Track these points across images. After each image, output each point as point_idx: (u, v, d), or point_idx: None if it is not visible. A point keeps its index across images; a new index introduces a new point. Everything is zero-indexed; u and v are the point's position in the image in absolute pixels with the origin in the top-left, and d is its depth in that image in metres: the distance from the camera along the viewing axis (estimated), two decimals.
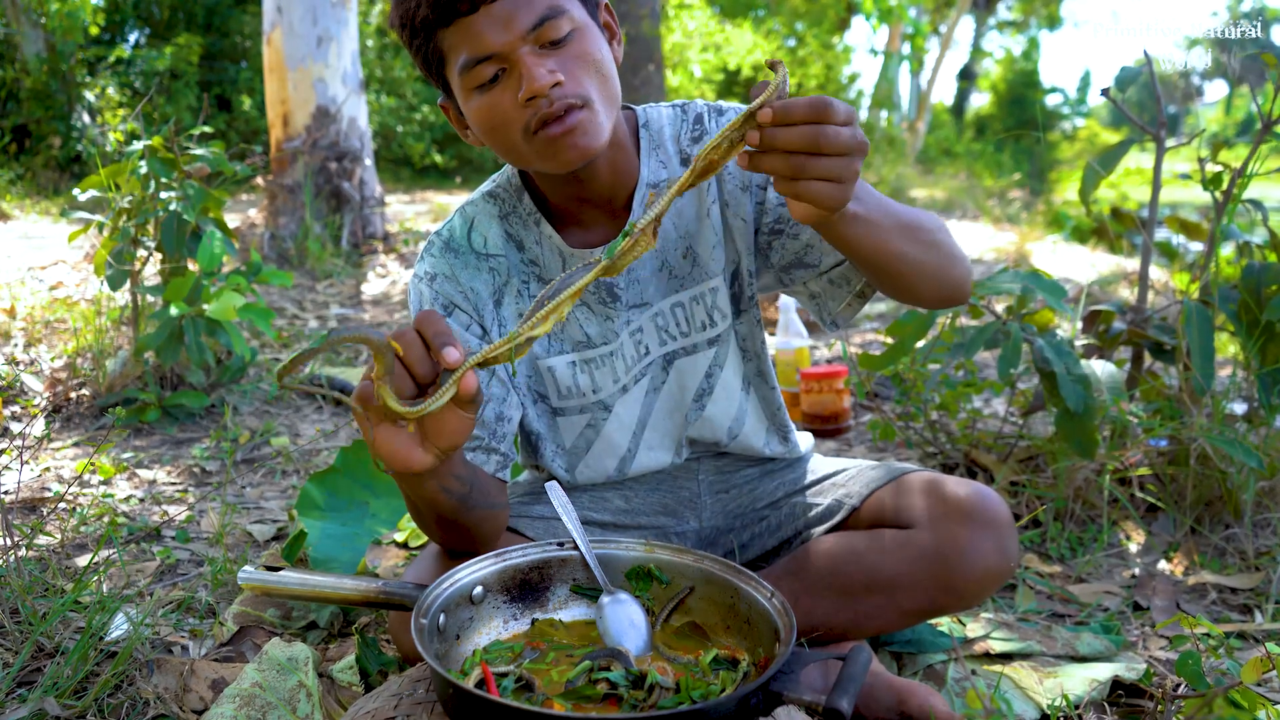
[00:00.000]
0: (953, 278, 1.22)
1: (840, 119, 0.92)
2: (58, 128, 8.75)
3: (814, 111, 0.92)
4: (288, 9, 5.07)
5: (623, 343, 1.36)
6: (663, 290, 1.35)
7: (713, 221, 1.33)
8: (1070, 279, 5.34)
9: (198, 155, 2.69)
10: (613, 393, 1.39)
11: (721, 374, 1.41)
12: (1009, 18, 26.44)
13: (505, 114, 1.15)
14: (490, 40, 1.12)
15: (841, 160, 0.93)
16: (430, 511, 1.19)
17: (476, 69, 1.14)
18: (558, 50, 1.14)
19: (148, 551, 1.84)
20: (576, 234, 1.32)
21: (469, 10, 1.12)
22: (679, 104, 1.37)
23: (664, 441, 1.44)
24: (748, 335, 1.42)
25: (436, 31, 1.15)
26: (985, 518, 1.25)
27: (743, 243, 1.34)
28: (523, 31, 1.12)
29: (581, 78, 1.15)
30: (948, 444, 2.26)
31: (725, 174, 1.32)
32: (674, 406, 1.42)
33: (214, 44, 11.48)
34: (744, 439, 1.46)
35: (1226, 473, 1.89)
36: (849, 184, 0.95)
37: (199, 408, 2.67)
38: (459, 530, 1.23)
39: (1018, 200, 12.13)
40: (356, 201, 5.25)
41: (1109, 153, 2.09)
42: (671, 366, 1.40)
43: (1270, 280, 1.93)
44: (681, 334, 1.38)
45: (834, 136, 0.92)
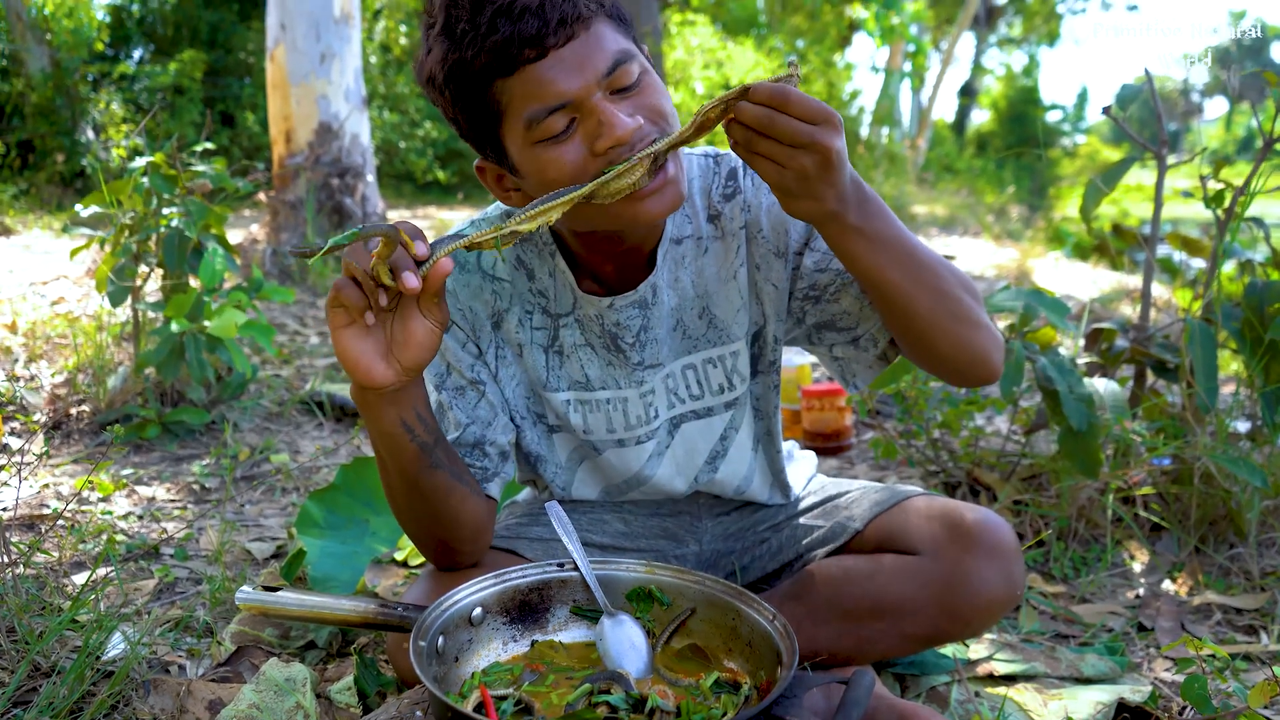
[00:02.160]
0: (974, 342, 1.19)
1: (795, 110, 0.97)
2: (62, 143, 8.78)
3: (771, 97, 0.97)
4: (291, 26, 5.09)
5: (628, 399, 1.33)
6: (675, 351, 1.32)
7: (739, 284, 1.29)
8: (1072, 296, 5.34)
9: (200, 172, 2.70)
10: (604, 439, 1.36)
11: (737, 437, 1.40)
12: (1009, 35, 26.55)
13: (577, 165, 1.07)
14: (563, 87, 1.04)
15: (785, 149, 0.98)
16: (395, 463, 1.16)
17: (548, 120, 1.05)
18: (628, 96, 1.08)
19: (146, 569, 1.84)
20: (588, 281, 1.28)
21: (537, 57, 1.04)
22: (712, 153, 1.31)
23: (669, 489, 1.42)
24: (762, 395, 1.39)
25: (495, 82, 1.06)
26: (991, 545, 1.24)
27: (772, 307, 1.31)
28: (598, 76, 1.05)
29: (658, 124, 1.09)
30: (950, 462, 2.25)
31: (759, 238, 1.28)
32: (678, 470, 1.40)
33: (218, 60, 11.54)
34: (749, 495, 1.46)
35: (1231, 492, 1.88)
36: (790, 174, 1.00)
37: (199, 424, 2.66)
38: (426, 500, 1.19)
39: (1018, 216, 12.15)
40: (359, 217, 5.26)
41: (1111, 170, 2.09)
42: (678, 430, 1.38)
43: (1273, 298, 1.92)
44: (692, 397, 1.35)
45: (782, 123, 0.97)
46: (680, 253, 1.28)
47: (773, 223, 1.27)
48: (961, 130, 24.16)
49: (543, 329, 1.31)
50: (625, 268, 1.26)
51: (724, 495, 1.45)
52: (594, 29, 1.06)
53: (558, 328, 1.31)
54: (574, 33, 1.04)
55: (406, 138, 11.69)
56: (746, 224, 1.28)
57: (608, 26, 1.08)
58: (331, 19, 5.13)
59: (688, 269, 1.29)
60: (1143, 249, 2.25)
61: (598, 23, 1.07)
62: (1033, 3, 24.47)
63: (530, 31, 1.03)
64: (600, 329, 1.29)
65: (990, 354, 1.21)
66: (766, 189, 1.28)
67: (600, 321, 1.28)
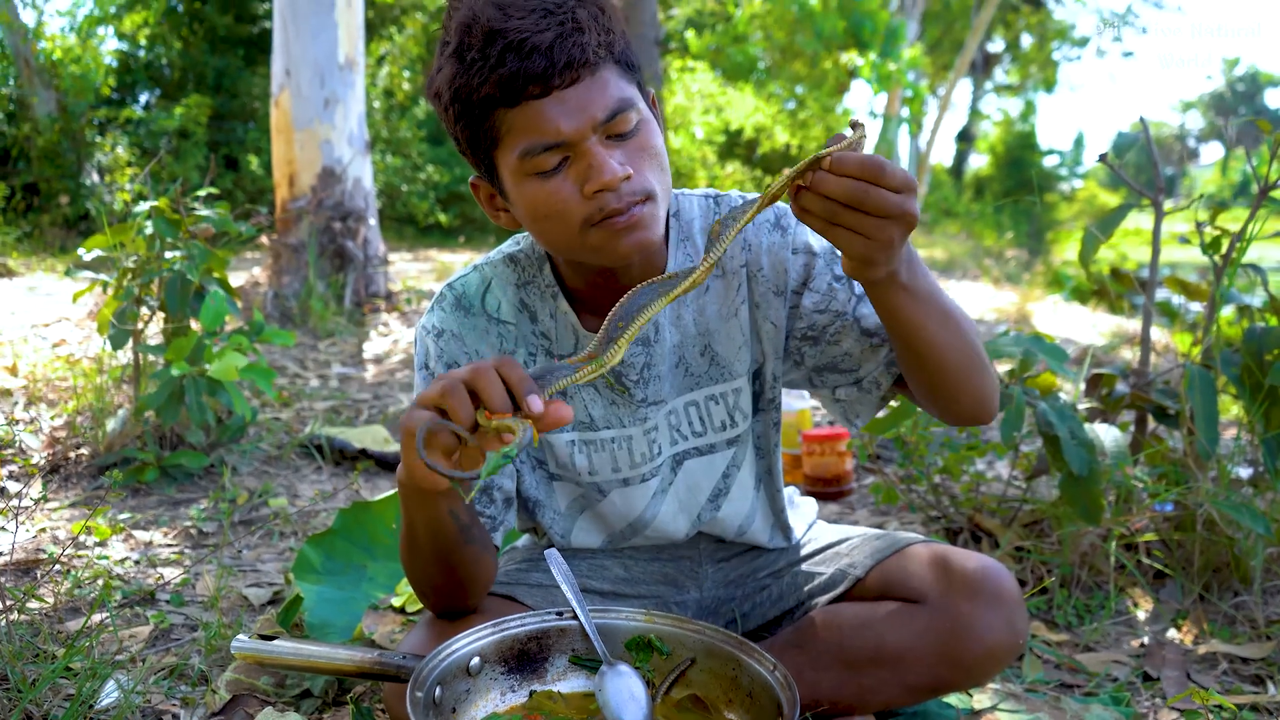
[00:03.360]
0: (982, 388, 1.20)
1: (890, 184, 0.93)
2: (67, 186, 8.86)
3: (864, 170, 0.93)
4: (296, 72, 5.15)
5: (632, 437, 1.33)
6: (678, 388, 1.33)
7: (740, 321, 1.30)
8: (1071, 339, 5.35)
9: (203, 216, 2.72)
10: (609, 479, 1.36)
11: (739, 474, 1.39)
12: (1006, 81, 26.87)
13: (565, 204, 1.10)
14: (561, 127, 1.07)
15: (875, 221, 0.95)
16: (431, 543, 1.15)
17: (541, 156, 1.09)
18: (624, 143, 1.11)
19: (141, 615, 1.82)
20: (591, 319, 1.29)
21: (540, 94, 1.07)
22: (712, 194, 1.33)
23: (670, 532, 1.42)
24: (763, 433, 1.40)
25: (498, 110, 1.09)
26: (993, 593, 1.23)
27: (770, 346, 1.32)
28: (596, 121, 1.08)
29: (646, 172, 1.12)
30: (951, 508, 2.24)
31: (759, 276, 1.29)
32: (680, 507, 1.40)
33: (223, 105, 11.67)
34: (750, 536, 1.45)
35: (1234, 539, 1.87)
36: (879, 244, 0.97)
37: (198, 468, 2.66)
38: (452, 571, 1.20)
39: (1017, 260, 12.21)
40: (360, 261, 5.29)
41: (1108, 218, 2.10)
42: (681, 467, 1.37)
43: (1272, 344, 1.92)
44: (695, 434, 1.36)
45: (876, 197, 0.93)
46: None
47: (772, 261, 1.28)
48: (959, 175, 24.37)
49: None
50: None
51: (726, 536, 1.44)
52: (600, 74, 1.09)
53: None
54: (579, 76, 1.07)
55: (409, 181, 11.78)
56: (747, 262, 1.30)
57: (614, 73, 1.11)
58: (336, 65, 5.20)
59: (689, 307, 1.30)
60: (1141, 293, 2.26)
61: (605, 69, 1.10)
62: (1029, 50, 24.80)
63: (537, 70, 1.05)
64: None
65: (993, 398, 1.23)
66: (766, 228, 1.29)
67: None
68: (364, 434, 3.07)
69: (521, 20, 1.06)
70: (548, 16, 1.07)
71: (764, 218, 1.30)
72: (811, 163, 0.96)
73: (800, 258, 1.28)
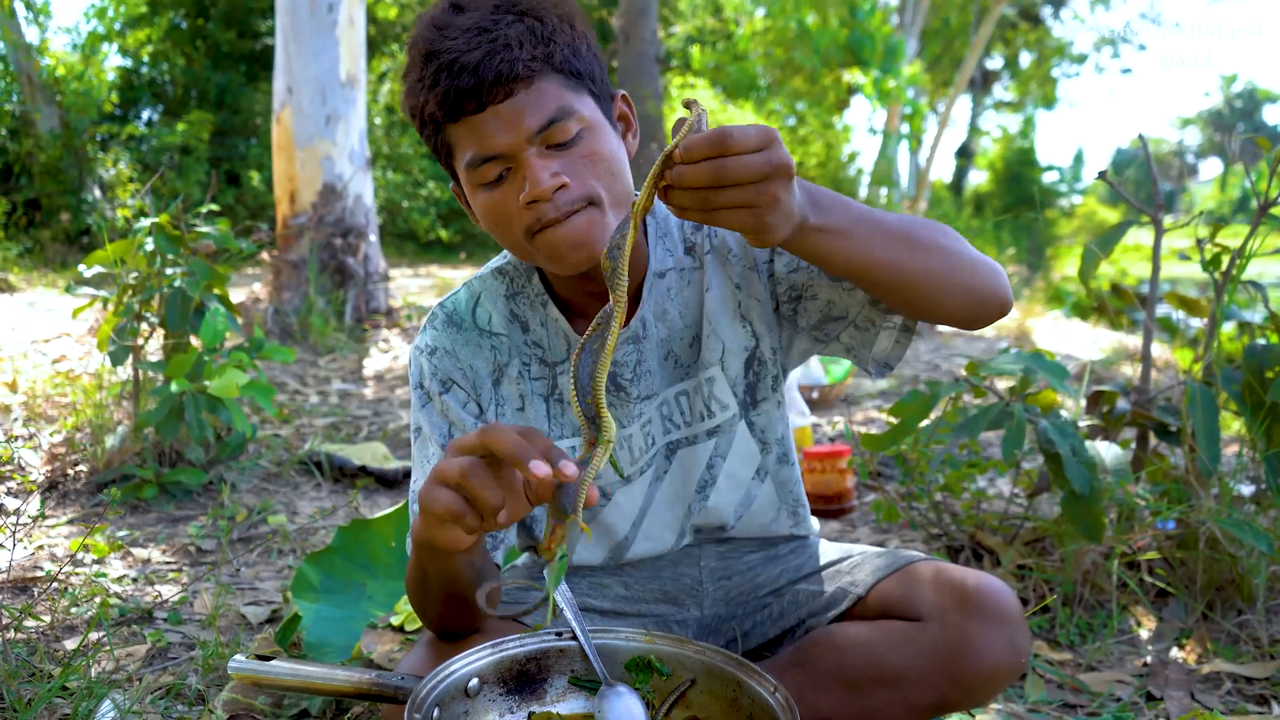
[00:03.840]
0: (979, 284, 1.17)
1: (744, 146, 0.91)
2: (68, 201, 8.88)
3: (713, 146, 0.91)
4: (298, 89, 5.17)
5: (631, 435, 1.34)
6: (668, 379, 1.34)
7: (707, 310, 1.32)
8: (1072, 356, 5.35)
9: (204, 232, 2.72)
10: (613, 481, 1.36)
11: (724, 465, 1.38)
12: (1005, 98, 26.97)
13: (509, 213, 1.15)
14: (496, 140, 1.11)
15: (750, 189, 0.92)
16: (443, 588, 1.16)
17: (482, 168, 1.14)
18: (565, 151, 1.13)
19: (139, 634, 1.81)
20: (582, 322, 1.31)
21: (476, 110, 1.11)
22: None
23: (663, 532, 1.41)
24: (768, 425, 1.38)
25: (445, 126, 1.15)
26: (995, 611, 1.22)
27: (761, 323, 1.32)
28: (529, 133, 1.11)
29: (588, 179, 1.14)
30: (952, 525, 2.24)
31: (731, 258, 1.31)
32: (676, 496, 1.40)
33: (225, 121, 11.72)
34: (749, 520, 1.44)
35: (1237, 557, 1.86)
36: (765, 209, 0.94)
37: (197, 485, 2.65)
38: (462, 606, 1.20)
39: (1017, 276, 12.21)
40: (360, 277, 5.29)
41: (1108, 234, 2.10)
42: (674, 455, 1.38)
43: (1273, 361, 1.92)
44: (685, 423, 1.36)
45: (736, 166, 0.91)
46: (665, 285, 1.32)
47: (738, 240, 1.31)
48: (959, 191, 24.42)
49: (541, 379, 1.34)
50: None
51: (725, 522, 1.42)
52: (536, 85, 1.12)
53: (555, 376, 1.33)
54: (512, 90, 1.11)
55: (410, 197, 11.82)
56: (714, 248, 1.32)
57: (554, 83, 1.13)
58: (338, 82, 5.22)
59: (674, 300, 1.32)
60: (1141, 309, 2.26)
61: (541, 79, 1.12)
62: (1028, 67, 24.91)
63: (466, 88, 1.10)
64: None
65: (996, 286, 1.18)
66: None
67: None
68: (364, 451, 3.06)
69: (454, 40, 1.11)
70: (480, 35, 1.11)
71: None
72: (664, 161, 0.94)
73: None
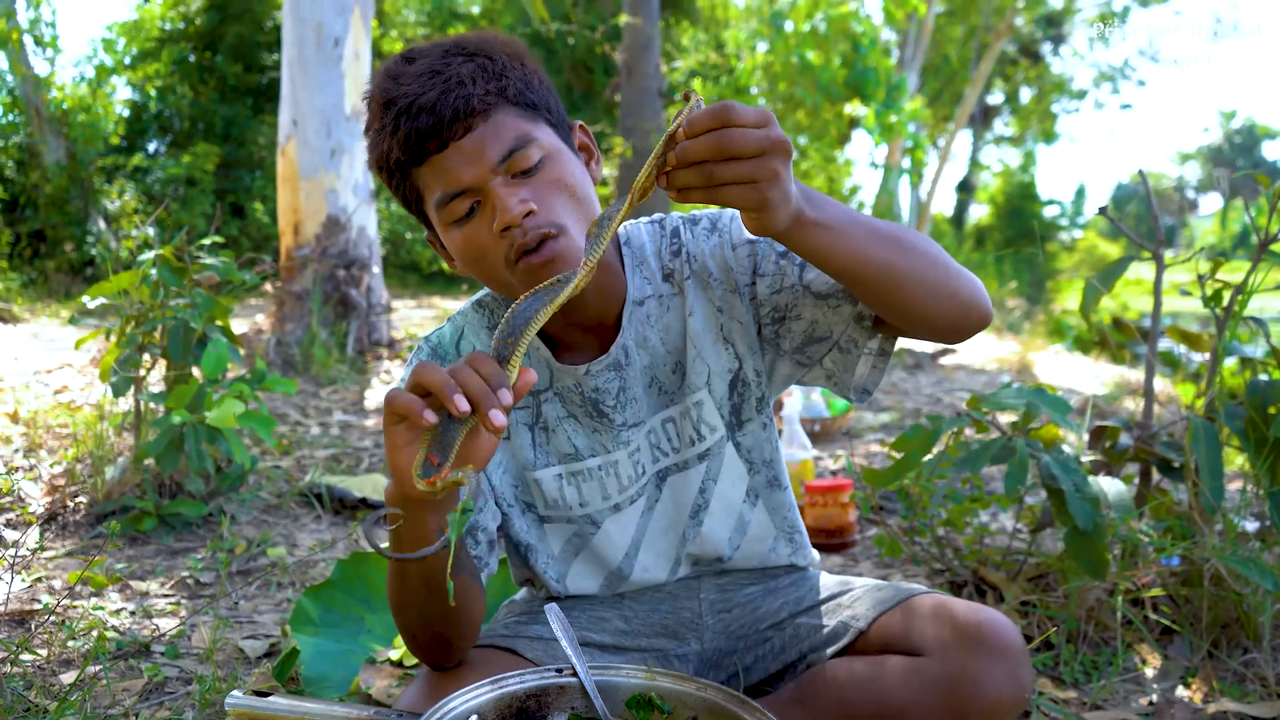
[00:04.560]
0: (963, 293, 1.18)
1: (745, 120, 0.93)
2: (73, 233, 8.92)
3: (715, 118, 0.93)
4: (303, 122, 5.21)
5: (618, 461, 1.35)
6: (654, 406, 1.35)
7: (690, 334, 1.32)
8: (1074, 390, 5.34)
9: (208, 264, 2.73)
10: (601, 509, 1.37)
11: (716, 488, 1.39)
12: (1006, 133, 27.16)
13: (484, 246, 1.17)
14: (462, 175, 1.15)
15: (751, 162, 0.94)
16: (422, 569, 1.15)
17: (452, 204, 1.16)
18: (529, 179, 1.16)
19: (135, 668, 1.80)
20: (564, 353, 1.33)
21: (439, 148, 1.14)
22: (656, 218, 1.38)
23: (659, 561, 1.41)
24: (754, 446, 1.39)
25: (411, 170, 1.18)
26: (997, 646, 1.21)
27: (744, 345, 1.33)
28: (492, 164, 1.14)
29: (554, 204, 1.16)
30: (955, 561, 2.22)
31: (712, 282, 1.31)
32: (669, 524, 1.40)
33: (230, 153, 11.81)
34: (746, 549, 1.43)
35: (1242, 594, 1.85)
36: (766, 183, 0.96)
37: (196, 516, 2.64)
38: (439, 603, 1.18)
39: (1018, 309, 12.24)
40: (363, 308, 5.31)
41: (1109, 269, 2.11)
42: (665, 483, 1.38)
43: (1276, 397, 1.91)
44: (673, 449, 1.37)
45: (739, 138, 0.93)
46: (644, 313, 1.33)
47: (719, 264, 1.31)
48: (960, 224, 24.54)
49: (525, 407, 1.35)
50: (596, 337, 1.32)
51: (720, 553, 1.42)
52: (494, 118, 1.15)
53: (540, 404, 1.35)
54: (471, 124, 1.14)
55: (413, 229, 11.87)
56: (694, 273, 1.33)
57: (509, 114, 1.17)
58: (343, 116, 5.26)
59: (654, 327, 1.33)
60: (1143, 343, 2.26)
61: (498, 112, 1.16)
62: (1028, 102, 25.10)
63: (426, 127, 1.14)
64: (581, 398, 1.32)
65: (977, 296, 1.20)
66: (704, 234, 1.33)
67: (579, 390, 1.32)
68: (364, 483, 3.06)
69: (409, 85, 1.15)
70: (433, 77, 1.15)
71: (702, 226, 1.33)
72: (667, 142, 0.96)
73: (743, 249, 1.30)
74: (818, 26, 12.85)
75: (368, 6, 5.38)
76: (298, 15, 5.21)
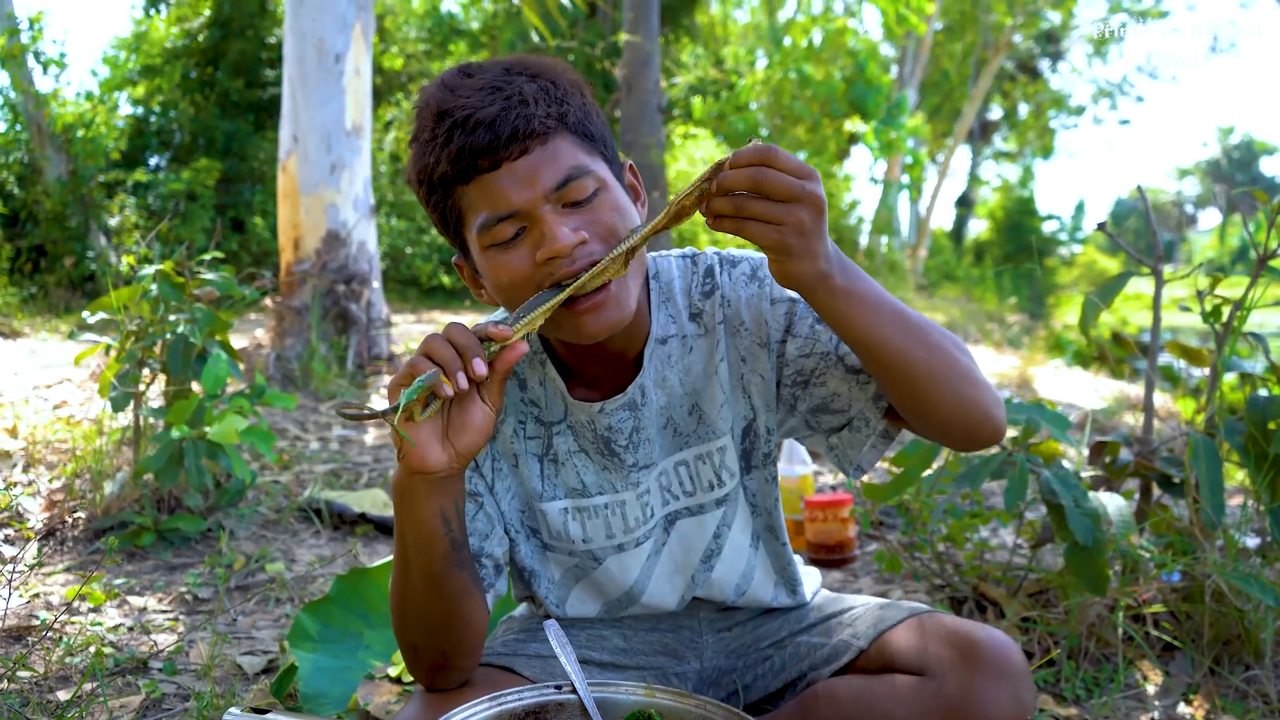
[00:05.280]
0: (978, 401, 1.17)
1: (784, 166, 0.97)
2: (73, 248, 8.92)
3: (758, 155, 0.98)
4: (303, 138, 5.22)
5: (625, 502, 1.32)
6: (667, 448, 1.32)
7: (720, 379, 1.30)
8: (1074, 404, 5.34)
9: (208, 279, 2.73)
10: (605, 546, 1.35)
11: (730, 533, 1.38)
12: (1004, 148, 27.25)
13: (522, 272, 1.12)
14: (512, 198, 1.09)
15: (781, 205, 0.98)
16: (422, 559, 1.15)
17: (497, 227, 1.11)
18: (580, 210, 1.12)
19: (133, 684, 1.79)
20: (581, 387, 1.29)
21: (490, 167, 1.09)
22: (689, 253, 1.34)
23: (662, 602, 1.40)
24: (759, 491, 1.38)
25: (455, 188, 1.13)
26: (1000, 665, 1.21)
27: (760, 399, 1.31)
28: (546, 191, 1.09)
29: (606, 238, 1.12)
30: (955, 576, 2.22)
31: (742, 330, 1.29)
32: (676, 568, 1.38)
33: (231, 168, 11.83)
34: (752, 594, 1.43)
35: (1243, 610, 1.84)
36: (790, 228, 0.99)
37: (195, 532, 2.63)
38: (444, 603, 1.18)
39: (1018, 324, 12.25)
40: (363, 323, 5.31)
41: (1108, 285, 2.11)
42: (673, 527, 1.36)
43: (1275, 413, 1.91)
44: (685, 493, 1.35)
45: (773, 178, 0.97)
46: (666, 352, 1.30)
47: (753, 314, 1.28)
48: (959, 239, 24.59)
49: (537, 438, 1.32)
50: (614, 371, 1.28)
51: (726, 598, 1.42)
52: (551, 144, 1.11)
53: (551, 436, 1.32)
54: (528, 147, 1.09)
55: (413, 244, 11.88)
56: (727, 318, 1.30)
57: (567, 141, 1.12)
58: (343, 131, 5.28)
59: (674, 367, 1.30)
60: (1142, 357, 2.26)
61: (556, 138, 1.11)
62: (1026, 118, 25.19)
63: (482, 143, 1.09)
64: (593, 434, 1.29)
65: (993, 411, 1.19)
66: (744, 281, 1.29)
67: (592, 427, 1.29)
68: (363, 498, 3.05)
69: (467, 98, 1.10)
70: (494, 93, 1.10)
71: (741, 271, 1.30)
72: (714, 168, 1.01)
73: (781, 306, 1.27)
74: (815, 41, 12.91)
75: (368, 23, 5.41)
76: (299, 31, 5.23)
